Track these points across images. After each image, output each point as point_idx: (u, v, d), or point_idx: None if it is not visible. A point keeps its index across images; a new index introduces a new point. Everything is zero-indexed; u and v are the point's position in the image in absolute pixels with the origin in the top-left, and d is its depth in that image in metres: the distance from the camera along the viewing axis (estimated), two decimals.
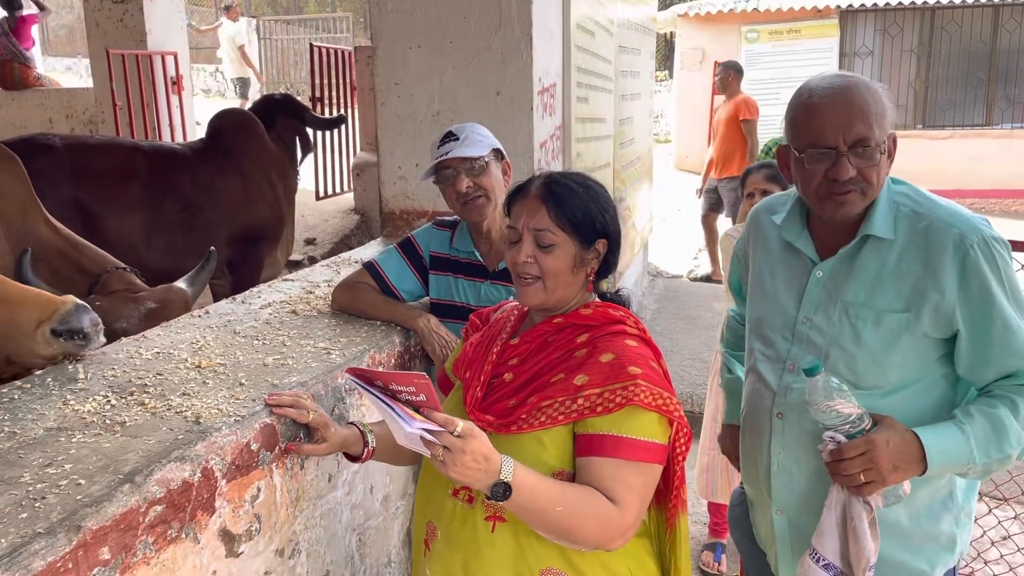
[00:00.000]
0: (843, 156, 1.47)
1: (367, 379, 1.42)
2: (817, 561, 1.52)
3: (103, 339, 1.90)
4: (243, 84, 12.82)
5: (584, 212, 1.46)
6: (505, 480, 1.25)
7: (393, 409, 1.29)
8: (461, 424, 1.24)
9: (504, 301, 1.73)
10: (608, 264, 1.52)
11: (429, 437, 1.23)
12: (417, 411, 1.29)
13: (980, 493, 3.16)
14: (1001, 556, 3.04)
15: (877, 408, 1.51)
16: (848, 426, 1.44)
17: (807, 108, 1.51)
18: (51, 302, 1.86)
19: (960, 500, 1.61)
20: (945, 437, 1.46)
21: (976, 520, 3.05)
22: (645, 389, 1.35)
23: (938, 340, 1.52)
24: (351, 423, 1.63)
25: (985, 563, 3.04)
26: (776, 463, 1.64)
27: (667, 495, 1.48)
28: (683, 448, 1.44)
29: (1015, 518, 3.21)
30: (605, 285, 1.56)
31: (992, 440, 1.46)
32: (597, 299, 1.54)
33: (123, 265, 2.88)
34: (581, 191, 1.48)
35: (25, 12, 8.34)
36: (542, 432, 1.39)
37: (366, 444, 1.60)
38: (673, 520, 1.49)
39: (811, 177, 1.51)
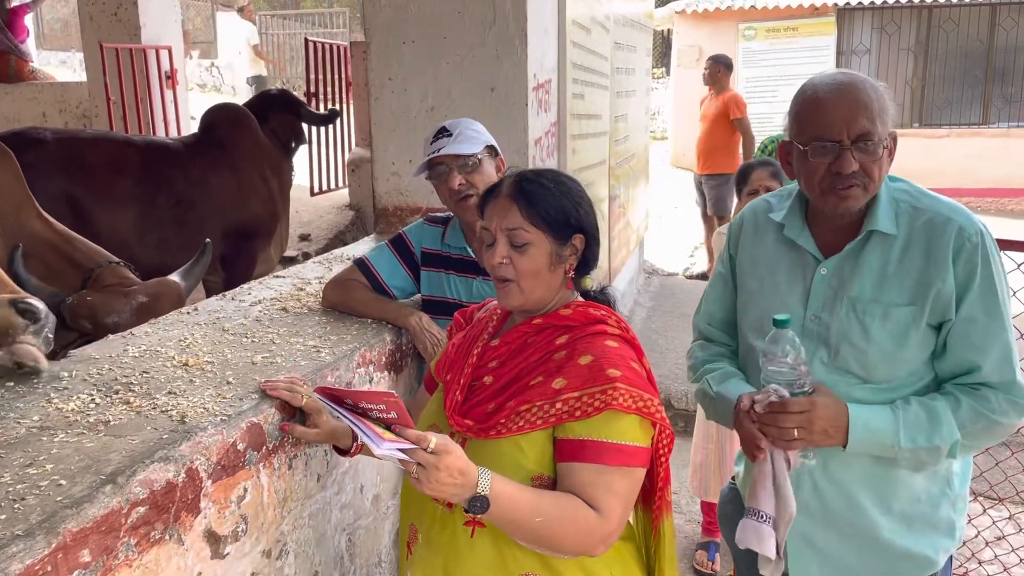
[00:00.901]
0: (847, 150, 1.49)
1: (336, 398, 1.40)
2: (757, 518, 1.56)
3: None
4: (259, 81, 12.76)
5: (557, 207, 1.44)
6: (483, 493, 1.23)
7: (362, 429, 1.27)
8: (434, 440, 1.21)
9: (489, 299, 1.71)
10: (587, 260, 1.50)
11: (402, 456, 1.21)
12: (389, 428, 1.27)
13: (975, 493, 3.18)
14: (995, 556, 3.04)
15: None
16: (792, 385, 1.48)
17: (812, 103, 1.54)
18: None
19: (957, 487, 1.64)
20: (874, 415, 1.51)
21: (970, 520, 3.08)
22: (624, 392, 1.33)
23: (936, 330, 1.54)
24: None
25: (979, 563, 3.04)
26: None
27: (652, 495, 1.47)
28: (666, 449, 1.43)
29: (1009, 518, 3.21)
30: (589, 283, 1.54)
31: (922, 428, 1.50)
32: (579, 298, 1.52)
33: (117, 259, 2.86)
34: (552, 187, 1.45)
35: (16, 3, 8.27)
36: (521, 437, 1.37)
37: (355, 439, 1.58)
38: (657, 522, 1.48)
39: (814, 171, 1.53)
